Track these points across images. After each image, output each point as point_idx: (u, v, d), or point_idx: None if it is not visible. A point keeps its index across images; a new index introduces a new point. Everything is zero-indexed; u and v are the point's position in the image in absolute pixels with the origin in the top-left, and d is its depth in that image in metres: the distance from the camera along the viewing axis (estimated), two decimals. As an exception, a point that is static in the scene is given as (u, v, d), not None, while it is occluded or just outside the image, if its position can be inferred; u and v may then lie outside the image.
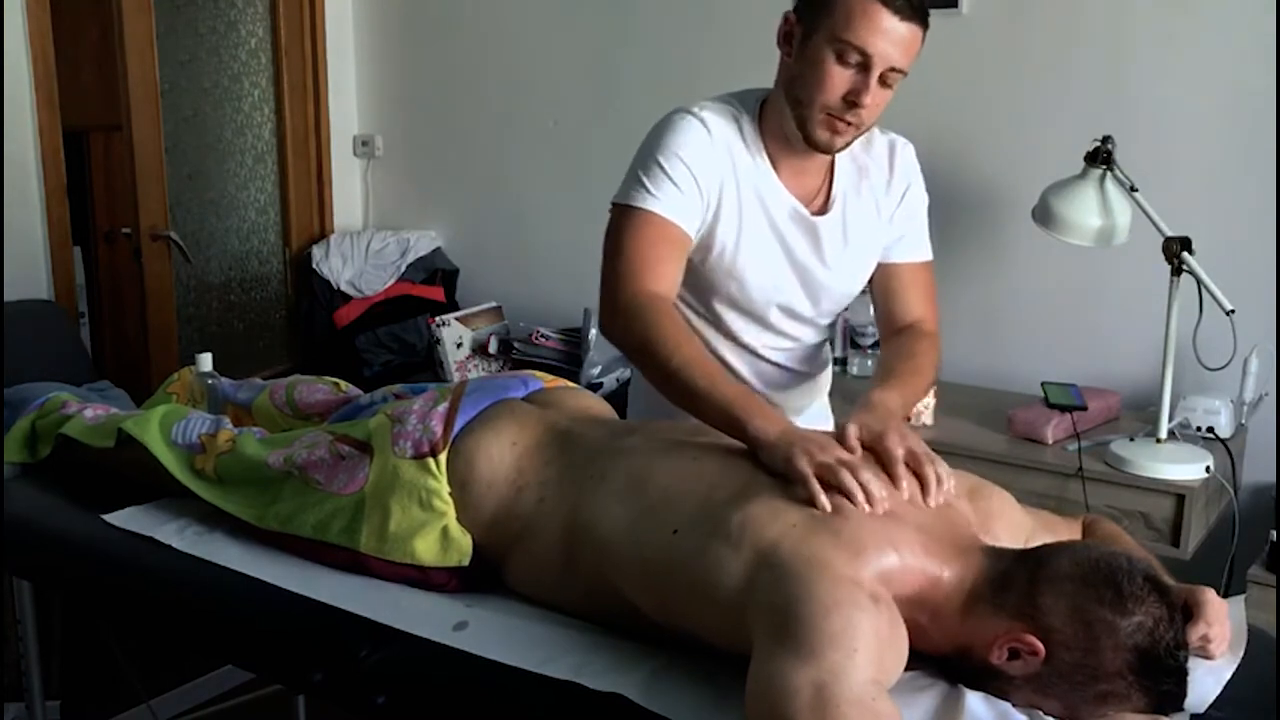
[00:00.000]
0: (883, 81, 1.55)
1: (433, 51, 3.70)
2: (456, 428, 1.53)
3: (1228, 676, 1.29)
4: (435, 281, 3.71)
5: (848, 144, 1.63)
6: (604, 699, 1.22)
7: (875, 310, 1.84)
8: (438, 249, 3.75)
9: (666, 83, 3.17)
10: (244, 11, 3.59)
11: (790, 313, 1.76)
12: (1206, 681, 1.26)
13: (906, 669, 1.19)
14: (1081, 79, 2.70)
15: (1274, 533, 2.30)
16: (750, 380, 1.78)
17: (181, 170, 3.48)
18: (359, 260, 3.65)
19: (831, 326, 1.90)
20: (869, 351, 2.90)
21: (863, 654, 1.09)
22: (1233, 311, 2.11)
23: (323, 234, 3.81)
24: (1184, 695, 1.18)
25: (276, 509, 1.59)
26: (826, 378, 1.93)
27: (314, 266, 3.63)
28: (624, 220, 1.61)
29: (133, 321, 3.48)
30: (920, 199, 1.80)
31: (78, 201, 3.35)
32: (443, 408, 1.56)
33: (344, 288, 3.61)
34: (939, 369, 1.75)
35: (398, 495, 1.49)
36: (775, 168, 1.67)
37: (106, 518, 1.71)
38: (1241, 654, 1.33)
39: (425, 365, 3.47)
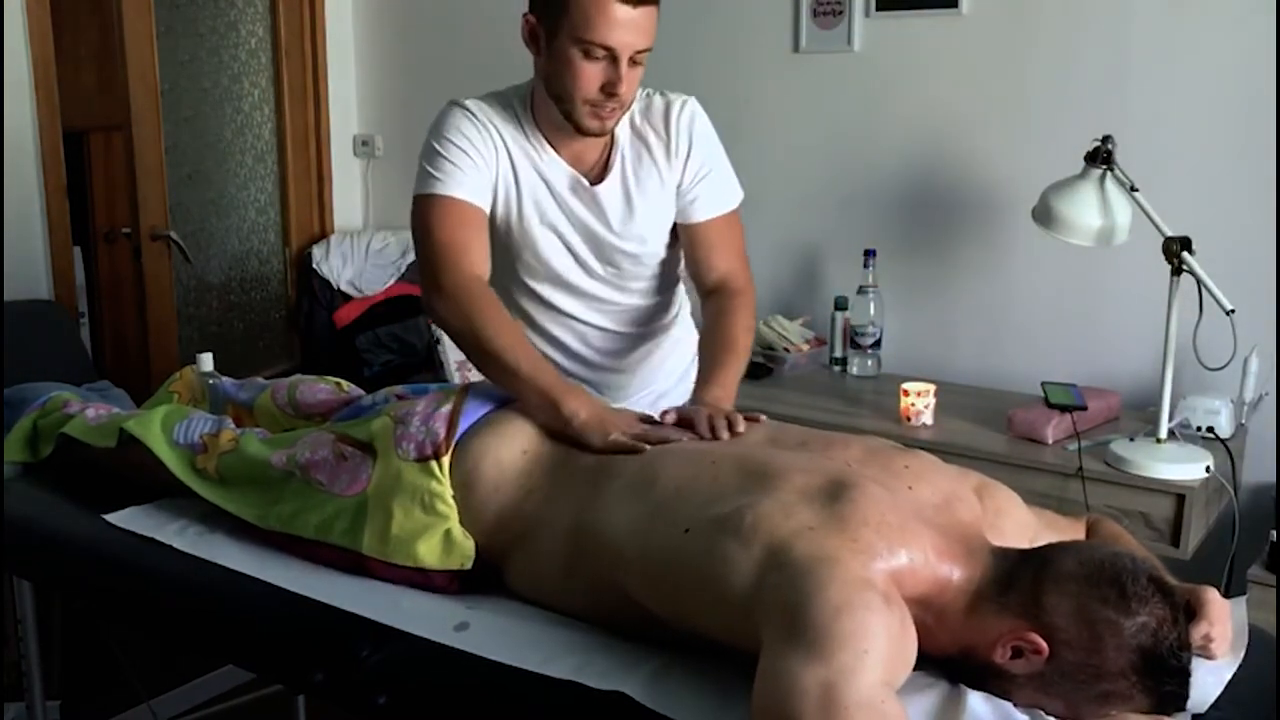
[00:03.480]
0: (632, 63, 1.65)
1: (433, 51, 3.70)
2: (460, 431, 1.53)
3: (1229, 677, 1.29)
4: (435, 281, 3.70)
5: (616, 123, 1.73)
6: (606, 698, 1.22)
7: (688, 270, 1.92)
8: (438, 249, 3.74)
9: (665, 82, 3.16)
10: (244, 11, 3.59)
11: (591, 273, 1.86)
12: (1208, 681, 1.26)
13: (906, 668, 1.19)
14: (1081, 79, 2.70)
15: (1274, 533, 2.30)
16: (577, 347, 1.92)
17: (181, 170, 3.48)
18: (359, 260, 3.65)
19: (671, 293, 1.98)
20: (869, 351, 2.90)
21: (873, 655, 1.09)
22: (1233, 311, 2.11)
23: (323, 234, 3.81)
24: (1186, 696, 1.18)
25: (278, 509, 1.59)
26: (669, 341, 2.00)
27: (314, 266, 3.63)
28: (424, 209, 1.73)
29: (133, 321, 3.48)
30: (706, 157, 1.84)
31: (78, 201, 3.34)
32: (446, 410, 1.56)
33: (344, 288, 3.61)
34: (754, 325, 1.85)
35: (400, 497, 1.49)
36: (554, 147, 1.78)
37: (107, 518, 1.71)
38: (1242, 654, 1.33)
39: (425, 365, 3.47)
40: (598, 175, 1.81)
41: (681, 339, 2.03)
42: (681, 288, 2.02)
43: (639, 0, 1.60)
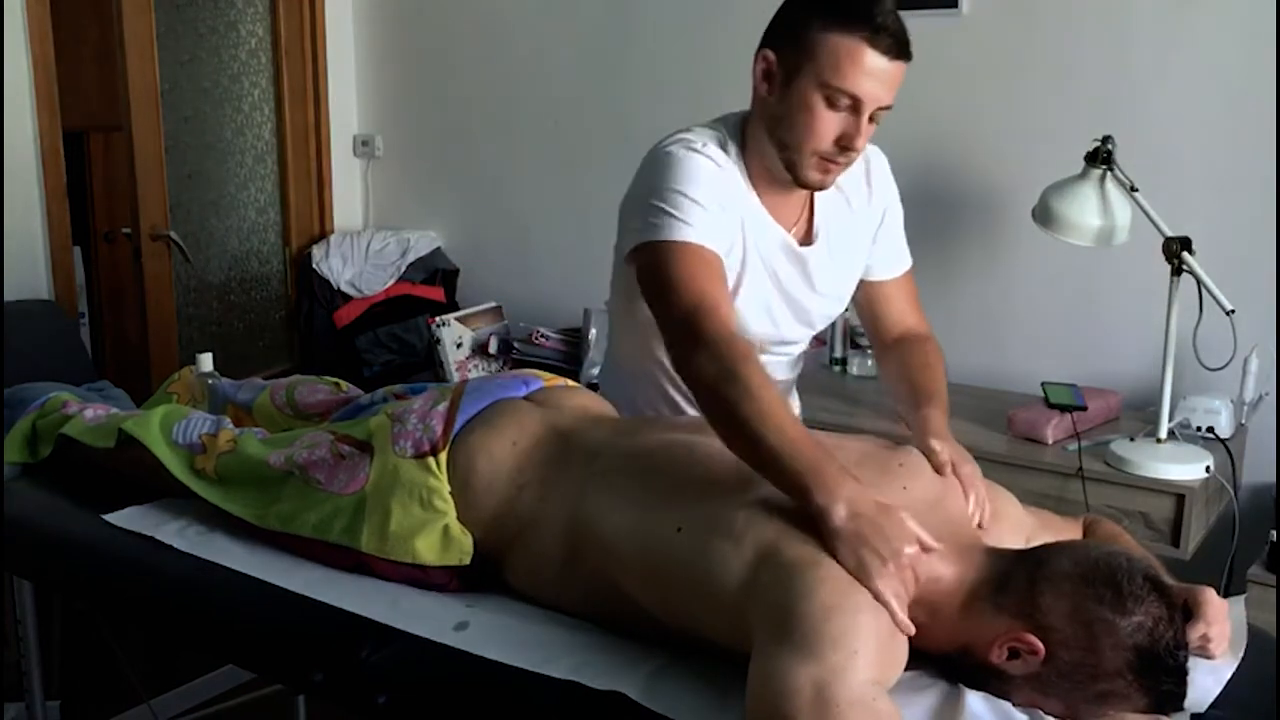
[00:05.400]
0: (871, 119, 1.53)
1: (433, 52, 3.70)
2: (457, 427, 1.53)
3: (1227, 676, 1.29)
4: (435, 281, 3.71)
5: (836, 179, 1.61)
6: (604, 698, 1.23)
7: (864, 323, 1.85)
8: (438, 249, 3.75)
9: (667, 82, 3.17)
10: (244, 11, 3.60)
11: (784, 342, 1.77)
12: (1206, 681, 1.26)
13: (906, 669, 1.19)
14: (1081, 79, 2.70)
15: (1274, 533, 2.30)
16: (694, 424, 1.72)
17: (181, 170, 3.48)
18: (359, 260, 3.65)
19: (802, 354, 1.90)
20: (869, 351, 2.90)
21: (864, 655, 1.10)
22: (1233, 311, 2.11)
23: (323, 234, 3.81)
24: (1184, 695, 1.18)
25: (277, 509, 1.59)
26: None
27: (314, 266, 3.63)
28: (665, 255, 1.51)
29: (133, 321, 3.48)
30: (897, 213, 1.80)
31: (78, 201, 3.35)
32: (443, 407, 1.56)
33: (344, 288, 3.61)
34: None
35: (398, 495, 1.50)
36: (760, 198, 1.63)
37: (107, 518, 1.71)
38: (1241, 654, 1.33)
39: (425, 365, 3.47)
40: (804, 236, 1.68)
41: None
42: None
43: (895, 54, 1.48)
